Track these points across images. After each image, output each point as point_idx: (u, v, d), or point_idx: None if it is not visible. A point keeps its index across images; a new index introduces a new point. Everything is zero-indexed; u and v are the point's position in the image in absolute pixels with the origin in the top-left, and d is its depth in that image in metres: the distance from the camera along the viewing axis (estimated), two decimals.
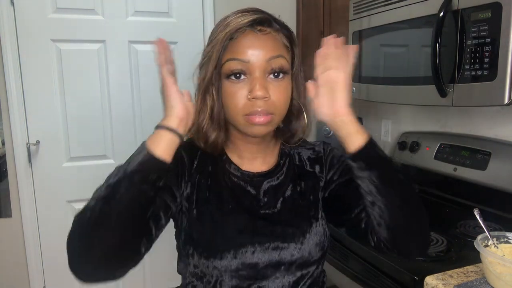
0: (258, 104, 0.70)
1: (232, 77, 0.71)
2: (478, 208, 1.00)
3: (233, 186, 0.80)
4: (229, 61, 0.71)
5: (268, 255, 0.75)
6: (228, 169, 0.81)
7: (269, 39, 0.73)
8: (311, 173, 0.85)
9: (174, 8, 2.11)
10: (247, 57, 0.70)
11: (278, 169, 0.84)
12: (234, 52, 0.71)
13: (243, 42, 0.71)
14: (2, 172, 1.97)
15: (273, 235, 0.76)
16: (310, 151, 0.88)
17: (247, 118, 0.72)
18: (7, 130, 1.94)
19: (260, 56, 0.71)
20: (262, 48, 0.71)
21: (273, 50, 0.72)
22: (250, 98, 0.71)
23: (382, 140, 2.11)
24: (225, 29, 0.71)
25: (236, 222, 0.76)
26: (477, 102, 1.11)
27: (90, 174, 2.08)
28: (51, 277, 2.09)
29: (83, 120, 2.04)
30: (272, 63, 0.71)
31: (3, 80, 1.89)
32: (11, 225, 2.01)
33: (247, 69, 0.71)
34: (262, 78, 0.71)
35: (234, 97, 0.72)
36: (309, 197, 0.83)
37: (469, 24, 1.09)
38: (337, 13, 1.88)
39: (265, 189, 0.81)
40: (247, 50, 0.71)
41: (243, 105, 0.71)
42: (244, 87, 0.71)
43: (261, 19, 0.72)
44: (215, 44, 0.72)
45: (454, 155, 1.55)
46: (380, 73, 1.51)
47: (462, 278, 1.00)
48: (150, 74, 2.11)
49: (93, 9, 1.98)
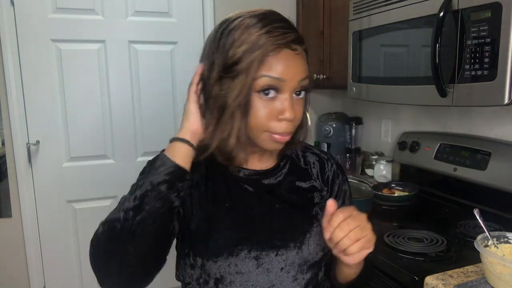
0: (284, 125, 0.71)
1: (262, 92, 0.69)
2: (478, 208, 1.00)
3: (230, 184, 0.79)
4: (264, 77, 0.68)
5: (265, 254, 0.74)
6: (226, 169, 0.80)
7: (301, 60, 0.72)
8: (314, 177, 0.85)
9: (174, 8, 2.11)
10: (283, 76, 0.69)
11: (277, 169, 0.83)
12: (271, 69, 0.68)
13: (280, 60, 0.69)
14: (2, 172, 1.97)
15: (271, 234, 0.75)
16: (315, 157, 0.88)
17: (270, 135, 0.72)
18: (7, 130, 1.94)
19: (294, 77, 0.70)
20: (297, 69, 0.71)
21: (304, 71, 0.73)
22: (280, 118, 0.71)
23: (382, 140, 2.11)
24: (260, 46, 0.68)
25: (233, 221, 0.75)
26: (477, 102, 1.11)
27: (90, 174, 2.08)
28: (51, 277, 2.09)
29: (83, 120, 2.04)
30: (302, 83, 0.72)
31: (3, 80, 1.89)
32: (11, 225, 2.00)
33: (280, 87, 0.70)
34: (290, 98, 0.71)
35: (262, 113, 0.70)
36: (311, 198, 0.82)
37: (469, 24, 1.09)
38: (337, 13, 1.88)
39: (264, 187, 0.80)
40: (284, 69, 0.69)
41: (270, 123, 0.71)
42: (273, 105, 0.70)
43: (297, 39, 0.72)
44: (247, 61, 0.68)
45: (454, 155, 1.55)
46: (380, 73, 1.51)
47: (462, 278, 1.00)
48: (150, 74, 2.11)
49: (93, 9, 1.98)
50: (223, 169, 0.79)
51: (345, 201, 0.88)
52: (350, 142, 2.24)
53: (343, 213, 0.67)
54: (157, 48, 2.11)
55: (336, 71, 1.90)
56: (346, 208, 0.69)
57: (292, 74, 0.70)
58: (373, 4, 1.47)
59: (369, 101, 1.63)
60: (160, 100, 2.15)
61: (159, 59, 2.12)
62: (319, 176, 0.86)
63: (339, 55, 1.87)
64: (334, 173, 0.87)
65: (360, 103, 2.22)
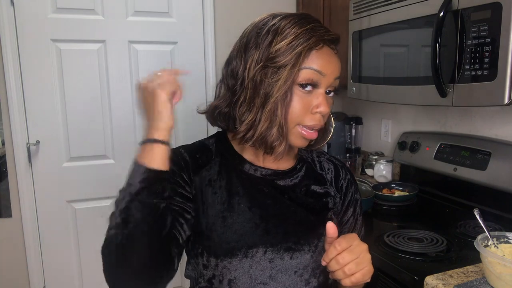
0: (318, 118, 0.72)
1: (302, 86, 0.71)
2: (478, 208, 1.00)
3: (245, 184, 0.78)
4: (307, 70, 0.70)
5: (280, 257, 0.73)
6: (241, 168, 0.79)
7: (338, 59, 0.75)
8: (329, 183, 0.85)
9: (174, 8, 2.11)
10: (324, 70, 0.71)
11: (294, 171, 0.82)
12: (314, 62, 0.71)
13: (322, 55, 0.72)
14: (2, 172, 1.97)
15: (286, 236, 0.75)
16: (330, 163, 0.88)
17: (301, 129, 0.73)
18: (7, 130, 1.94)
19: (332, 73, 0.73)
20: (335, 66, 0.74)
21: (339, 71, 0.75)
22: (315, 112, 0.72)
23: (382, 140, 2.11)
24: (305, 40, 0.69)
25: (247, 221, 0.74)
26: (477, 102, 1.11)
27: (90, 174, 2.08)
28: (51, 277, 2.09)
29: (83, 120, 2.04)
30: (336, 82, 0.74)
31: (3, 80, 1.89)
32: (11, 225, 2.00)
33: (320, 82, 0.72)
34: (325, 93, 0.73)
35: (299, 106, 0.71)
36: (326, 202, 0.82)
37: (469, 24, 1.09)
38: (337, 13, 1.88)
39: (280, 188, 0.79)
40: (325, 64, 0.71)
41: (304, 116, 0.72)
42: (310, 98, 0.72)
43: (337, 39, 0.75)
44: (293, 54, 0.69)
45: (454, 155, 1.55)
46: (380, 73, 1.51)
47: (462, 278, 1.00)
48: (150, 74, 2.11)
49: (93, 9, 1.98)
50: (238, 167, 0.79)
51: (356, 209, 0.88)
52: (350, 142, 2.24)
53: (340, 245, 0.66)
54: (157, 48, 2.11)
55: None
56: (348, 237, 0.68)
57: (331, 69, 0.72)
58: (373, 4, 1.47)
59: (369, 101, 1.63)
60: None
61: (159, 59, 2.12)
62: (333, 183, 0.86)
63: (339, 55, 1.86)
64: (348, 182, 0.87)
65: (360, 103, 2.22)
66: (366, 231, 0.95)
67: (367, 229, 1.42)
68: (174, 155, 0.76)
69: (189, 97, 2.29)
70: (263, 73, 0.70)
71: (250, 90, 0.71)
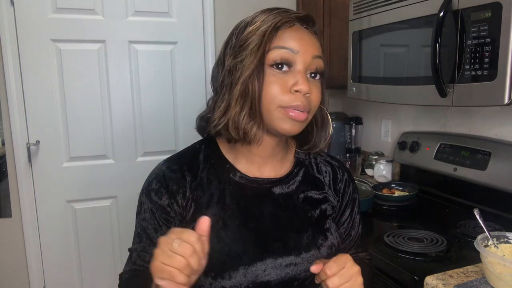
0: (300, 98, 0.67)
1: (275, 66, 0.68)
2: (478, 208, 1.00)
3: (239, 198, 0.74)
4: (277, 49, 0.67)
5: (280, 272, 0.70)
6: (233, 178, 0.75)
7: (314, 37, 0.72)
8: (327, 187, 0.83)
9: (174, 8, 2.11)
10: (297, 48, 0.68)
11: (290, 177, 0.79)
12: (284, 40, 0.68)
13: (293, 33, 0.69)
14: (2, 172, 1.97)
15: (286, 250, 0.72)
16: (327, 165, 0.85)
17: (284, 111, 0.68)
18: (7, 130, 1.94)
19: (307, 51, 0.69)
20: (310, 44, 0.70)
21: (317, 50, 0.71)
22: (293, 90, 0.67)
23: (382, 140, 2.11)
24: (271, 20, 0.68)
25: (244, 238, 0.71)
26: (477, 102, 1.11)
27: (90, 174, 2.08)
28: (51, 277, 2.09)
29: (83, 120, 2.04)
30: (316, 62, 0.70)
31: (3, 80, 1.89)
32: (11, 225, 2.00)
33: (294, 60, 0.68)
34: (304, 73, 0.69)
35: (275, 87, 0.68)
36: (324, 210, 0.80)
37: (469, 24, 1.09)
38: (337, 13, 1.88)
39: (275, 198, 0.76)
40: (297, 41, 0.68)
41: (284, 97, 0.67)
42: (286, 79, 0.68)
43: (307, 17, 0.72)
44: (258, 31, 0.67)
45: (454, 155, 1.55)
46: (380, 73, 1.51)
47: (462, 278, 1.00)
48: (150, 74, 2.11)
49: (93, 9, 1.98)
50: (229, 178, 0.75)
51: (354, 209, 0.87)
52: (350, 142, 2.24)
53: (331, 270, 0.63)
54: (157, 48, 2.11)
55: (336, 71, 1.89)
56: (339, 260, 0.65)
57: (304, 47, 0.68)
58: (373, 4, 1.47)
59: (369, 101, 1.63)
60: (160, 100, 2.15)
61: (159, 59, 2.12)
62: (331, 186, 0.83)
63: (339, 55, 1.87)
64: (346, 183, 0.85)
65: (360, 103, 2.22)
66: (366, 231, 0.95)
67: (367, 230, 1.43)
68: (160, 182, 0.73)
69: (189, 97, 2.31)
70: (234, 62, 0.69)
71: (224, 82, 0.70)
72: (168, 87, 2.15)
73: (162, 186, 0.74)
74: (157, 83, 2.13)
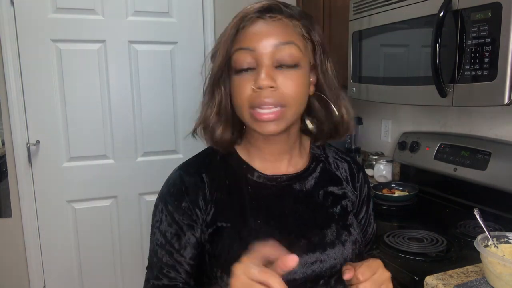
0: (263, 94, 0.64)
1: (238, 72, 0.67)
2: (478, 208, 1.00)
3: (259, 197, 0.73)
4: (236, 52, 0.66)
5: (306, 270, 0.69)
6: (251, 178, 0.74)
7: (279, 25, 0.66)
8: (345, 182, 0.81)
9: (174, 8, 2.11)
10: (253, 44, 0.64)
11: (307, 172, 0.77)
12: (241, 41, 0.66)
13: (250, 29, 0.66)
14: (2, 172, 1.97)
15: (311, 247, 0.70)
16: (344, 162, 0.84)
17: (253, 113, 0.66)
18: (7, 130, 1.94)
19: (267, 43, 0.64)
20: (270, 34, 0.65)
21: (283, 36, 0.65)
22: (255, 88, 0.64)
23: (382, 140, 2.11)
24: (233, 20, 0.68)
25: (267, 236, 0.67)
26: (477, 102, 1.11)
27: (90, 174, 2.08)
28: (51, 277, 2.09)
29: (83, 120, 2.04)
30: (282, 49, 0.65)
31: (3, 80, 1.89)
32: (11, 225, 2.00)
33: (255, 58, 0.65)
34: (269, 66, 0.64)
35: (240, 89, 0.66)
36: (345, 206, 0.78)
37: (469, 24, 1.09)
38: (337, 13, 1.88)
39: (296, 195, 0.74)
40: (253, 38, 0.65)
41: (248, 97, 0.65)
42: (250, 78, 0.65)
43: (270, 5, 0.67)
44: (224, 35, 0.68)
45: (454, 155, 1.55)
46: (380, 73, 1.51)
47: (462, 278, 1.00)
48: (150, 74, 2.11)
49: (93, 9, 1.98)
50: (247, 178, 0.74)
51: (370, 206, 0.86)
52: (350, 142, 2.24)
53: (363, 275, 0.63)
54: (157, 48, 2.11)
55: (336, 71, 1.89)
56: (372, 266, 0.65)
57: (262, 39, 0.65)
58: (373, 4, 1.47)
59: (369, 101, 1.63)
60: (160, 100, 2.15)
61: (159, 59, 2.12)
62: (349, 182, 0.82)
63: (339, 55, 1.87)
64: (362, 180, 0.84)
65: (360, 103, 2.22)
66: None
67: None
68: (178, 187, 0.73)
69: (189, 97, 2.30)
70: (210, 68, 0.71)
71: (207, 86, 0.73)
72: (168, 87, 2.15)
73: (181, 190, 0.72)
74: (157, 83, 2.13)
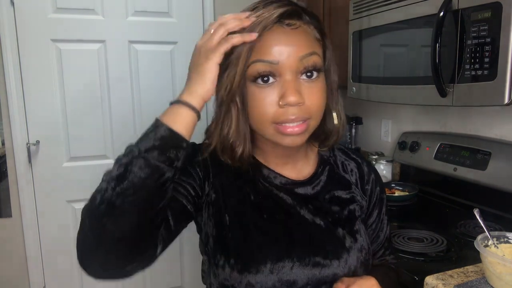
0: (291, 111, 0.61)
1: (259, 80, 0.62)
2: (478, 208, 1.00)
3: (267, 193, 0.72)
4: (255, 63, 0.61)
5: (308, 272, 0.67)
6: (261, 173, 0.73)
7: (300, 34, 0.63)
8: (354, 186, 0.79)
9: (174, 8, 2.11)
10: (276, 58, 0.61)
11: (315, 177, 0.75)
12: (261, 52, 0.61)
13: (270, 40, 0.61)
14: (2, 172, 1.97)
15: (313, 249, 0.69)
16: (353, 163, 0.81)
17: (278, 128, 0.63)
18: (7, 130, 1.94)
19: (291, 55, 0.61)
20: (293, 45, 0.61)
21: (306, 47, 0.62)
22: (282, 104, 0.61)
23: (382, 140, 2.11)
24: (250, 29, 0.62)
25: (272, 233, 0.68)
26: (477, 102, 1.11)
27: (90, 174, 2.08)
28: (51, 277, 2.09)
29: (83, 120, 2.04)
30: (305, 61, 0.62)
31: (3, 80, 1.89)
32: (11, 225, 2.01)
33: (277, 71, 0.61)
34: (294, 80, 0.62)
35: (262, 104, 0.62)
36: (352, 211, 0.75)
37: (469, 24, 1.09)
38: (337, 13, 1.88)
39: (301, 198, 0.73)
40: (275, 49, 0.61)
41: (274, 113, 0.62)
42: (273, 92, 0.62)
43: (289, 11, 0.62)
44: (239, 49, 0.61)
45: (454, 155, 1.55)
46: (380, 73, 1.51)
47: (462, 278, 1.00)
48: (150, 74, 2.11)
49: (93, 9, 1.98)
50: (259, 176, 0.73)
51: (382, 209, 0.82)
52: (350, 142, 2.24)
53: None
54: (157, 48, 2.11)
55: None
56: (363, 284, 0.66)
57: (287, 53, 0.61)
58: (373, 4, 1.47)
59: (369, 101, 1.63)
60: (160, 100, 2.14)
61: (159, 59, 2.12)
62: (358, 184, 0.79)
63: (339, 55, 1.87)
64: (373, 183, 0.81)
65: (360, 103, 2.22)
66: None
67: None
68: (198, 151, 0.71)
69: None
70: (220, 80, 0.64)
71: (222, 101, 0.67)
72: (168, 87, 2.15)
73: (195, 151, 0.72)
74: (157, 83, 2.13)
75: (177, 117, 0.58)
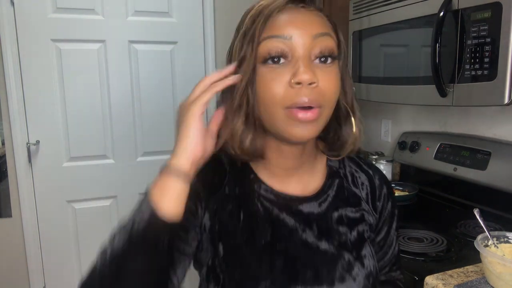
0: (303, 91, 0.55)
1: (270, 61, 0.56)
2: (478, 208, 1.00)
3: (266, 214, 0.64)
4: (266, 40, 0.56)
5: None
6: (258, 191, 0.65)
7: (314, 15, 0.59)
8: (364, 202, 0.72)
9: (174, 8, 2.11)
10: (289, 33, 0.56)
11: (322, 192, 0.68)
12: (273, 28, 0.56)
13: (283, 16, 0.57)
14: (2, 172, 1.97)
15: (318, 279, 0.63)
16: (364, 175, 0.73)
17: (289, 113, 0.56)
18: (7, 130, 1.94)
19: (305, 32, 0.56)
20: (308, 23, 0.57)
21: (320, 27, 0.58)
22: (293, 83, 0.55)
23: (382, 140, 2.11)
24: (259, 9, 0.58)
25: (271, 263, 0.62)
26: (477, 102, 1.11)
27: (90, 174, 2.08)
28: (51, 277, 2.09)
29: (83, 120, 2.04)
30: (320, 41, 0.57)
31: (3, 80, 1.89)
32: (11, 225, 2.00)
33: (290, 48, 0.56)
34: (307, 59, 0.56)
35: (272, 84, 0.56)
36: (361, 232, 0.69)
37: (469, 24, 1.09)
38: (337, 13, 1.88)
39: (305, 218, 0.65)
40: (288, 25, 0.56)
41: (284, 94, 0.56)
42: (285, 72, 0.56)
43: None
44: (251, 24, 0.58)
45: (454, 155, 1.55)
46: (380, 73, 1.51)
47: (462, 278, 1.00)
48: (150, 74, 2.11)
49: (93, 9, 1.98)
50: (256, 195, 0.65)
51: (392, 225, 0.76)
52: None
53: None
54: (157, 48, 2.11)
55: None
56: None
57: (301, 29, 0.56)
58: (373, 4, 1.47)
59: (369, 101, 1.63)
60: (160, 100, 2.15)
61: (159, 59, 2.12)
62: (369, 200, 0.72)
63: None
64: (384, 198, 0.74)
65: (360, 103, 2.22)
66: None
67: None
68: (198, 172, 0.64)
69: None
70: None
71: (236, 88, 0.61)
72: (168, 87, 2.15)
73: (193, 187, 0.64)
74: (157, 83, 2.13)
75: (164, 190, 0.54)
